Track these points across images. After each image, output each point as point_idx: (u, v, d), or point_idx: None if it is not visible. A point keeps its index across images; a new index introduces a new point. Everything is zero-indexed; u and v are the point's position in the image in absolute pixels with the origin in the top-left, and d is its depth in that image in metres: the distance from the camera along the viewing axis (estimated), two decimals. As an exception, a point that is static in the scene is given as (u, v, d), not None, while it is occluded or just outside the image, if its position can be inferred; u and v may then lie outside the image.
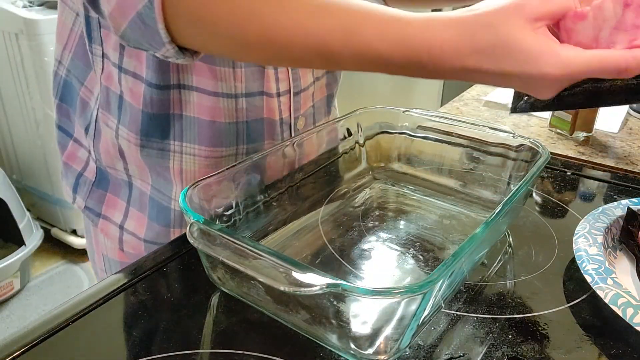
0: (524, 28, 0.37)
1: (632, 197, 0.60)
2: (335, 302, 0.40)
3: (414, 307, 0.37)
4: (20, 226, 1.81)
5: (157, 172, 0.63)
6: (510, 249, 0.55)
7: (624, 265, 0.51)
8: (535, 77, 0.38)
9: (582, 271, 0.47)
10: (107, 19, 0.43)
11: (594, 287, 0.45)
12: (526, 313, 0.46)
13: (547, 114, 0.91)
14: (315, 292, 0.35)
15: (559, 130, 0.88)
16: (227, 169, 0.50)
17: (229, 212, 0.51)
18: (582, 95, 0.43)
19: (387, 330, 0.39)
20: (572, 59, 0.37)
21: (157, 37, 0.41)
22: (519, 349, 0.42)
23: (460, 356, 0.41)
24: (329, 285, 0.34)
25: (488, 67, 0.38)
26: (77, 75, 0.64)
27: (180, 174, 0.63)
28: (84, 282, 1.95)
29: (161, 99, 0.58)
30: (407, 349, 0.41)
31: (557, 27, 0.41)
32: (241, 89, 0.60)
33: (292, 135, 0.66)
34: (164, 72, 0.57)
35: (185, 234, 0.42)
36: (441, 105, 1.06)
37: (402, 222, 0.60)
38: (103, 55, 0.59)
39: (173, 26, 0.41)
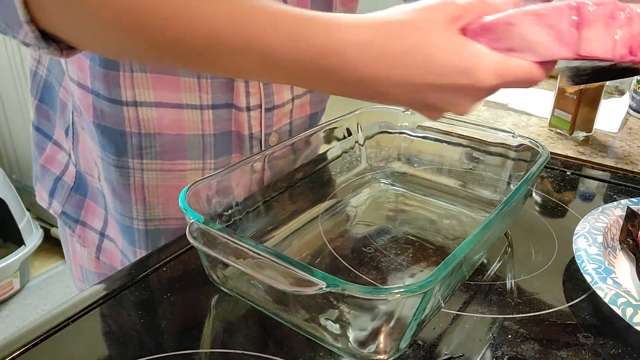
0: (453, 33, 0.34)
1: (631, 197, 0.60)
2: (335, 302, 0.40)
3: (413, 307, 0.37)
4: (20, 226, 1.81)
5: (115, 192, 0.59)
6: (510, 249, 0.55)
7: (623, 265, 0.51)
8: (465, 88, 0.34)
9: (581, 271, 0.47)
10: None
11: (593, 287, 0.45)
12: (526, 313, 0.46)
13: (547, 114, 0.91)
14: (315, 292, 0.35)
15: (558, 130, 0.88)
16: (226, 168, 0.50)
17: (229, 212, 0.51)
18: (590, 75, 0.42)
19: (387, 330, 0.39)
20: (505, 69, 0.34)
21: (13, 14, 0.33)
22: (519, 349, 0.42)
23: (460, 356, 0.41)
24: (328, 285, 0.34)
25: (406, 76, 0.33)
26: (56, 75, 0.61)
27: (142, 190, 0.59)
28: (83, 282, 1.95)
29: (113, 114, 0.54)
30: (407, 349, 0.41)
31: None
32: (207, 100, 0.56)
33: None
34: (113, 86, 0.52)
35: (185, 233, 0.42)
36: (441, 105, 1.06)
37: (402, 222, 0.60)
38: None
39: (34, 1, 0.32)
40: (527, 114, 0.97)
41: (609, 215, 0.55)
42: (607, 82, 0.83)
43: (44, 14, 0.32)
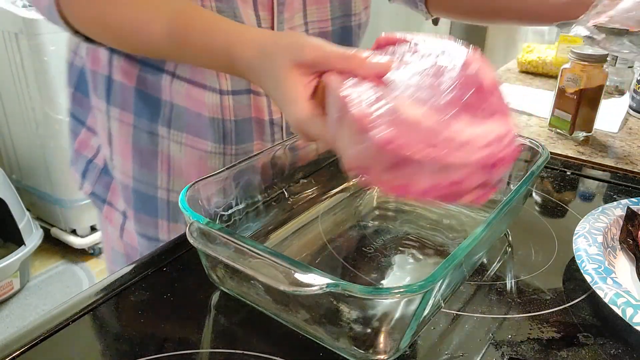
0: (291, 70, 0.40)
1: (631, 197, 0.60)
2: (335, 302, 0.40)
3: (413, 306, 0.37)
4: (20, 226, 1.80)
5: (142, 160, 0.63)
6: (510, 249, 0.55)
7: (623, 265, 0.51)
8: (290, 118, 0.41)
9: (581, 271, 0.47)
10: None
11: (593, 287, 0.45)
12: (526, 313, 0.46)
13: (547, 114, 0.91)
14: (315, 292, 0.35)
15: (558, 130, 0.88)
16: (227, 168, 0.50)
17: (229, 212, 0.51)
18: None
19: (387, 330, 0.39)
20: (302, 121, 0.40)
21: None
22: (518, 348, 0.42)
23: (460, 356, 0.41)
24: (328, 285, 0.34)
25: (267, 91, 0.43)
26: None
27: (168, 160, 0.63)
28: (83, 282, 1.95)
29: (153, 81, 0.59)
30: (407, 349, 0.41)
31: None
32: (226, 85, 0.60)
33: (284, 137, 0.65)
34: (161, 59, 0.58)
35: (184, 233, 0.42)
36: (441, 105, 1.06)
37: (402, 222, 0.60)
38: (87, 39, 0.58)
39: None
40: (527, 114, 0.97)
41: (609, 216, 0.55)
42: (607, 82, 0.83)
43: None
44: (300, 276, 0.35)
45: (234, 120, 0.61)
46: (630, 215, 0.55)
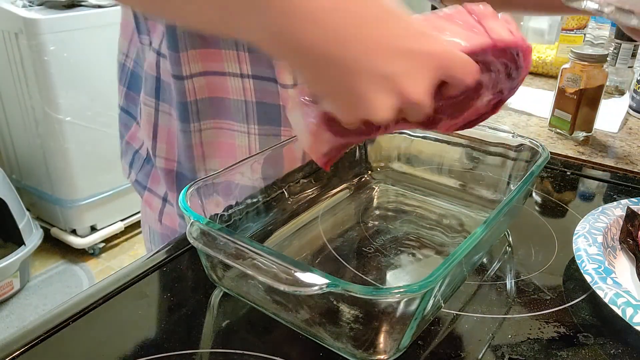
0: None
1: (631, 197, 0.60)
2: (335, 302, 0.40)
3: (413, 306, 0.37)
4: (20, 226, 1.81)
5: (182, 148, 0.67)
6: (510, 249, 0.55)
7: (623, 265, 0.51)
8: (429, 58, 0.35)
9: (581, 271, 0.47)
10: None
11: (593, 287, 0.45)
12: (526, 313, 0.46)
13: (547, 114, 0.91)
14: (315, 292, 0.35)
15: (558, 130, 0.88)
16: (227, 168, 0.50)
17: (229, 212, 0.51)
18: None
19: (387, 330, 0.39)
20: (452, 51, 0.36)
21: None
22: (518, 348, 0.42)
23: (460, 356, 0.41)
24: (328, 285, 0.34)
25: (380, 38, 0.33)
26: (141, 65, 0.69)
27: (202, 147, 0.67)
28: (83, 282, 1.95)
29: (177, 88, 0.62)
30: (407, 349, 0.41)
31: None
32: (247, 70, 0.61)
33: None
34: (177, 64, 0.61)
35: (185, 233, 0.42)
36: (441, 105, 1.06)
37: (402, 222, 0.60)
38: (150, 44, 0.64)
39: None
40: (527, 114, 0.97)
41: (609, 215, 0.55)
42: (607, 82, 0.83)
43: None
44: (300, 276, 0.35)
45: (255, 102, 0.63)
46: (630, 215, 0.55)
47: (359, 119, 0.35)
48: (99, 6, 1.85)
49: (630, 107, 0.99)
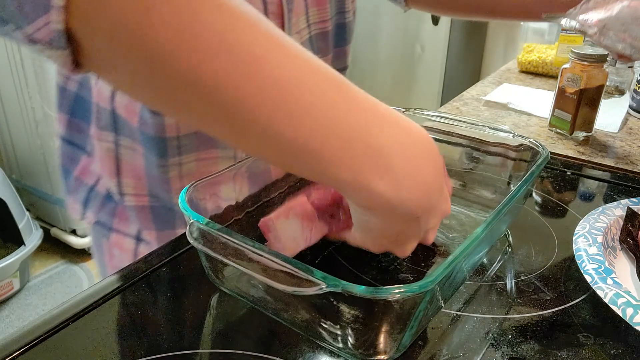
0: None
1: (632, 197, 0.60)
2: (335, 302, 0.40)
3: (413, 307, 0.37)
4: (20, 226, 1.81)
5: (155, 183, 0.62)
6: (510, 249, 0.55)
7: (623, 265, 0.51)
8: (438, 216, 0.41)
9: (582, 271, 0.47)
10: None
11: (593, 287, 0.45)
12: (526, 313, 0.46)
13: (547, 114, 0.91)
14: (315, 292, 0.35)
15: (558, 130, 0.88)
16: (226, 168, 0.50)
17: (229, 212, 0.51)
18: None
19: (387, 330, 0.39)
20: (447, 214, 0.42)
21: None
22: (519, 349, 0.42)
23: (460, 356, 0.41)
24: (328, 285, 0.34)
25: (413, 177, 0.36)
26: (88, 88, 0.62)
27: (181, 180, 0.62)
28: (83, 282, 1.95)
29: (155, 123, 0.56)
30: (407, 349, 0.41)
31: (339, 199, 0.46)
32: None
33: None
34: None
35: (184, 233, 0.42)
36: (441, 105, 1.06)
37: (402, 222, 0.60)
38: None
39: None
40: (527, 114, 0.97)
41: (609, 215, 0.55)
42: (607, 82, 0.83)
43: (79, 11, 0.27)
44: (300, 276, 0.35)
45: None
46: (630, 215, 0.55)
47: (383, 251, 0.43)
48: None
49: (630, 107, 0.99)
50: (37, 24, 0.26)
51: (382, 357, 0.39)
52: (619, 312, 0.42)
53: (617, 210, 0.56)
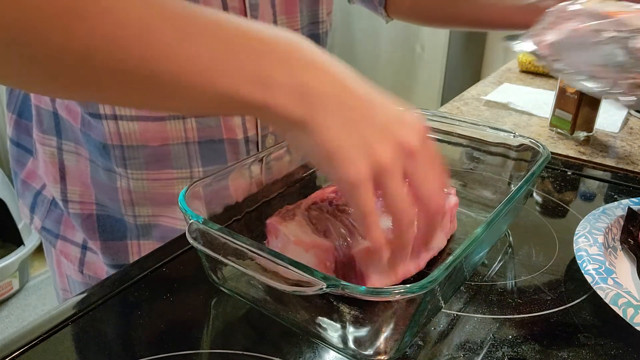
0: None
1: (632, 197, 0.60)
2: (335, 302, 0.39)
3: (414, 307, 0.37)
4: (19, 226, 1.81)
5: (102, 190, 0.59)
6: (510, 249, 0.55)
7: (624, 265, 0.51)
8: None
9: (582, 271, 0.47)
10: None
11: (594, 287, 0.45)
12: (526, 313, 0.46)
13: (548, 113, 0.91)
14: (315, 292, 0.34)
15: (559, 130, 0.87)
16: (227, 168, 0.50)
17: (229, 212, 0.51)
18: None
19: (387, 330, 0.39)
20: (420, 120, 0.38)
21: None
22: (519, 349, 0.42)
23: (460, 356, 0.41)
24: (328, 285, 0.34)
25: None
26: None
27: (130, 194, 0.58)
28: (83, 282, 1.95)
29: (95, 126, 0.53)
30: (407, 349, 0.41)
31: (353, 262, 0.44)
32: None
33: None
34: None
35: (184, 233, 0.42)
36: (441, 105, 1.06)
37: (402, 222, 0.59)
38: None
39: None
40: (527, 113, 0.97)
41: (609, 216, 0.54)
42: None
43: None
44: (300, 276, 0.35)
45: (198, 142, 0.57)
46: (630, 216, 0.55)
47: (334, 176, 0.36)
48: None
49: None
50: None
51: (382, 357, 0.39)
52: (620, 313, 0.42)
53: (617, 211, 0.55)
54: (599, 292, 0.44)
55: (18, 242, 1.81)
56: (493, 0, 0.65)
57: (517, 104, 0.99)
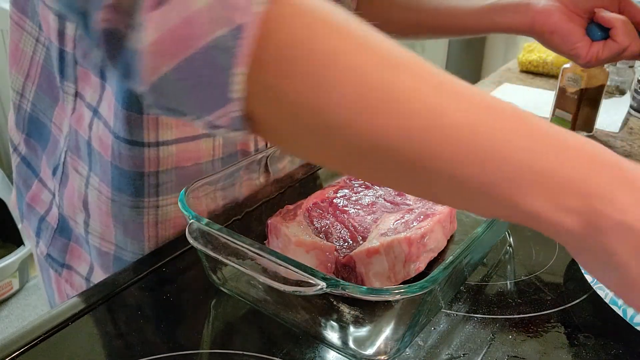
0: None
1: (632, 197, 0.60)
2: (335, 303, 0.39)
3: (414, 307, 0.37)
4: (19, 226, 1.80)
5: (126, 229, 0.56)
6: (510, 249, 0.55)
7: (624, 265, 0.51)
8: None
9: (582, 271, 0.47)
10: (137, 60, 0.27)
11: (594, 287, 0.45)
12: (526, 313, 0.46)
13: (548, 113, 0.91)
14: (315, 292, 0.34)
15: (559, 130, 0.87)
16: (226, 168, 0.50)
17: (229, 212, 0.51)
18: None
19: (387, 330, 0.39)
20: None
21: (219, 89, 0.27)
22: (519, 349, 0.42)
23: (461, 356, 0.41)
24: (328, 285, 0.34)
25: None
26: (44, 111, 0.58)
27: (156, 226, 0.57)
28: (83, 281, 1.95)
29: (131, 156, 0.51)
30: (407, 349, 0.41)
31: (353, 264, 0.44)
32: None
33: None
34: (135, 127, 0.49)
35: (184, 233, 0.42)
36: (441, 105, 1.06)
37: (402, 222, 0.59)
38: (76, 95, 0.53)
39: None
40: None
41: (609, 215, 0.54)
42: (608, 82, 0.83)
43: (256, 97, 0.28)
44: (300, 276, 0.35)
45: (221, 158, 0.57)
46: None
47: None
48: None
49: (631, 106, 0.99)
50: (217, 114, 0.28)
51: (382, 357, 0.39)
52: (620, 313, 0.42)
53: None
54: (599, 292, 0.44)
55: (18, 242, 1.81)
56: (450, 7, 0.64)
57: (517, 104, 0.99)
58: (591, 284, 0.45)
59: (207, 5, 0.25)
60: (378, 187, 0.56)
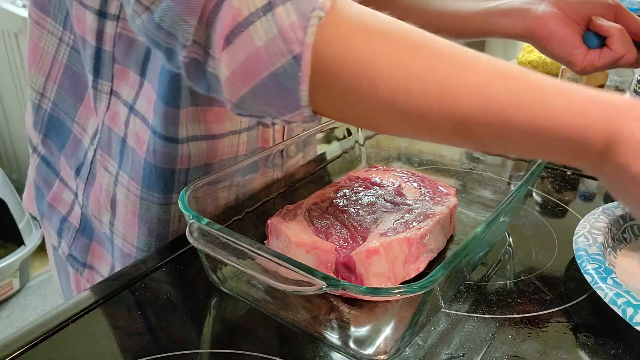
0: None
1: (632, 197, 0.60)
2: (335, 303, 0.40)
3: (414, 307, 0.37)
4: (20, 226, 1.80)
5: (150, 229, 0.57)
6: (510, 249, 0.55)
7: (624, 264, 0.51)
8: None
9: (582, 271, 0.47)
10: (220, 85, 0.35)
11: (593, 287, 0.45)
12: (526, 313, 0.46)
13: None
14: (315, 292, 0.35)
15: (558, 130, 0.87)
16: (226, 168, 0.50)
17: (229, 212, 0.51)
18: None
19: (387, 330, 0.39)
20: None
21: (291, 101, 0.34)
22: (518, 348, 0.42)
23: (460, 356, 0.41)
24: (328, 285, 0.34)
25: None
26: (66, 110, 0.58)
27: (180, 222, 0.58)
28: (83, 282, 1.95)
29: (166, 153, 0.53)
30: (407, 349, 0.41)
31: (353, 264, 0.45)
32: (245, 123, 0.57)
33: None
34: (172, 123, 0.51)
35: (184, 233, 0.42)
36: (441, 105, 1.06)
37: (402, 222, 0.59)
38: (111, 93, 0.54)
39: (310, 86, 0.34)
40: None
41: (609, 215, 0.54)
42: (607, 82, 0.83)
43: (319, 99, 0.35)
44: (300, 276, 0.35)
45: (244, 155, 0.58)
46: (631, 215, 0.55)
47: None
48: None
49: (630, 107, 0.99)
50: (292, 115, 0.36)
51: (382, 357, 0.39)
52: (619, 312, 0.42)
53: (617, 210, 0.56)
54: (599, 292, 0.44)
55: (18, 242, 1.81)
56: (452, 10, 0.64)
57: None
58: (591, 284, 0.45)
59: (266, 42, 0.32)
60: (378, 187, 0.56)
